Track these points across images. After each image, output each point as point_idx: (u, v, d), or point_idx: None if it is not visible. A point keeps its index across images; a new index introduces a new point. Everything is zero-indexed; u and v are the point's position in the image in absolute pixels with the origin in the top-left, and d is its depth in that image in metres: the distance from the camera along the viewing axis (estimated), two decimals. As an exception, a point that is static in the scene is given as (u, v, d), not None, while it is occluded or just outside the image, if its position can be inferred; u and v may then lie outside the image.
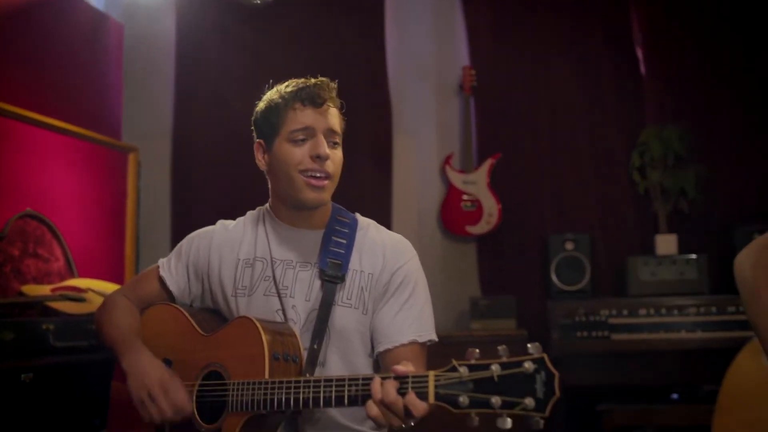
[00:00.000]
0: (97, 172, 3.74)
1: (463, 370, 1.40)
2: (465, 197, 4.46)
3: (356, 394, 1.54)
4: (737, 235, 3.92)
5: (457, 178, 4.49)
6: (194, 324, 1.89)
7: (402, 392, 1.45)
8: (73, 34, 3.73)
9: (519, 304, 4.19)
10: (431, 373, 1.43)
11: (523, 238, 4.45)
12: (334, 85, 1.91)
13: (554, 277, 4.17)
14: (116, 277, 3.65)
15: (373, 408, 1.49)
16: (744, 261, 1.86)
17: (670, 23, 4.44)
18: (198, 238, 2.03)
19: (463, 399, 1.38)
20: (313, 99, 1.84)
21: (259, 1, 1.52)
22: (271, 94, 1.92)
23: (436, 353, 1.86)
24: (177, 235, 4.42)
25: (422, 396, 1.43)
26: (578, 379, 3.89)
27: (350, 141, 3.51)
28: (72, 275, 3.26)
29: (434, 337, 1.90)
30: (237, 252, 1.95)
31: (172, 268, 2.02)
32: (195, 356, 1.84)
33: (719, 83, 4.34)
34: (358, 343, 1.89)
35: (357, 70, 4.45)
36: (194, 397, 1.79)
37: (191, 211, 4.43)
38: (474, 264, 4.50)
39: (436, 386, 1.42)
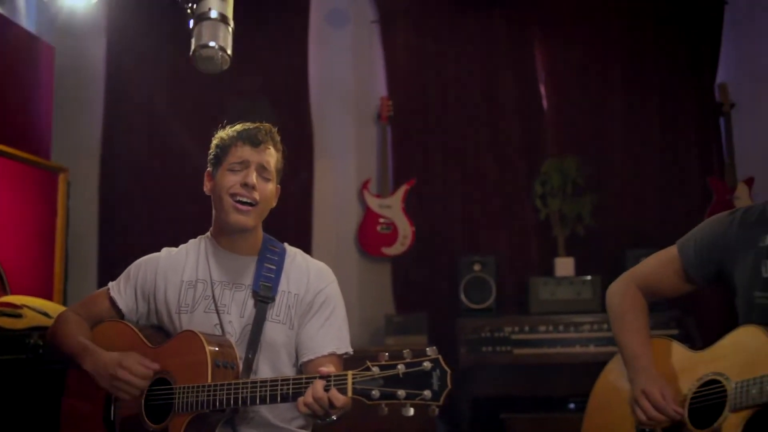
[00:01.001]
0: (27, 191, 3.89)
1: (375, 369, 1.74)
2: (381, 220, 4.81)
3: (288, 392, 1.85)
4: (628, 258, 4.34)
5: (373, 202, 4.84)
6: (142, 338, 2.16)
7: (326, 389, 1.78)
8: (4, 55, 3.89)
9: (430, 321, 4.50)
10: (349, 373, 1.77)
11: (434, 259, 4.81)
12: (275, 130, 2.25)
13: (463, 296, 4.52)
14: (45, 293, 3.83)
15: (302, 403, 1.81)
16: (614, 290, 2.29)
17: (569, 63, 4.91)
18: (145, 263, 2.30)
19: (375, 392, 1.72)
20: (252, 139, 2.18)
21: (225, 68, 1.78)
22: (223, 133, 2.24)
23: (353, 366, 2.19)
24: (104, 253, 4.63)
25: (342, 391, 1.76)
26: (483, 390, 4.29)
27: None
28: (5, 292, 3.44)
29: (350, 351, 2.23)
30: (181, 274, 2.23)
31: (121, 290, 2.28)
32: None
33: (612, 119, 4.85)
34: (285, 354, 2.19)
35: (281, 99, 4.75)
36: (143, 401, 2.07)
37: (118, 230, 4.63)
38: (389, 283, 4.84)
39: (353, 383, 1.75)
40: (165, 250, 2.32)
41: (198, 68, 1.88)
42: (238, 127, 2.23)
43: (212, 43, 1.84)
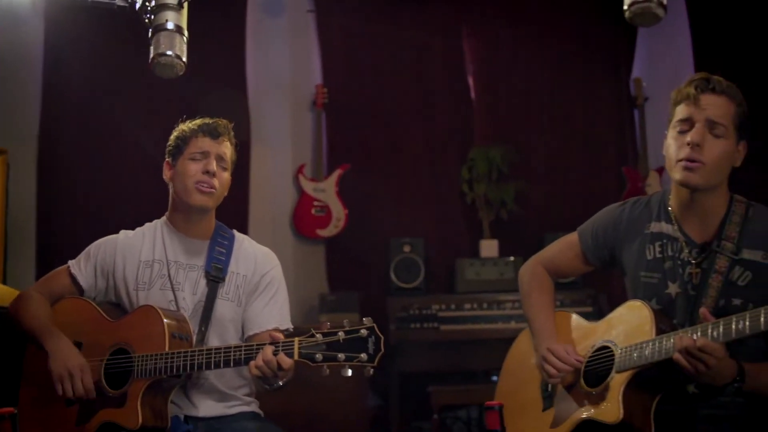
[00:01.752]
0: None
1: (319, 336, 2.05)
2: (316, 203, 5.09)
3: (240, 357, 2.15)
4: (548, 241, 4.61)
5: (308, 186, 5.11)
6: (101, 312, 2.41)
7: (275, 353, 2.07)
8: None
9: (362, 300, 4.80)
10: (296, 339, 2.07)
11: (366, 241, 5.10)
12: (230, 125, 2.54)
13: (393, 276, 4.84)
14: (-17, 275, 3.98)
15: (253, 366, 2.10)
16: (524, 271, 2.63)
17: (496, 56, 5.27)
18: (104, 244, 2.54)
19: (319, 356, 2.03)
20: (211, 132, 2.46)
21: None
22: (183, 126, 2.51)
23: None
24: (42, 235, 4.77)
25: (289, 354, 2.07)
26: (412, 365, 4.62)
27: None
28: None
29: (291, 327, 2.51)
30: (138, 254, 2.48)
31: (82, 268, 2.51)
32: (103, 338, 2.35)
33: (535, 111, 5.24)
34: (232, 329, 2.47)
35: (219, 85, 4.95)
36: (102, 370, 2.33)
37: (56, 212, 4.77)
38: (323, 264, 5.13)
39: (299, 347, 2.06)
40: (122, 232, 2.57)
41: (156, 74, 2.13)
42: (198, 121, 2.50)
43: (169, 52, 2.09)
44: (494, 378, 4.64)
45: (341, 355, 2.03)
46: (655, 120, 5.14)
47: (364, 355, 2.02)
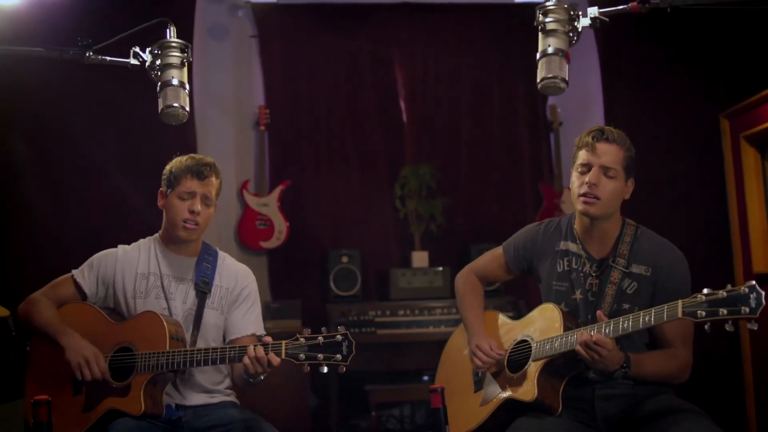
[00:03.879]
0: None
1: (302, 340, 2.61)
2: (259, 217, 5.61)
3: (234, 355, 2.69)
4: (472, 252, 5.30)
5: (252, 201, 5.65)
6: (105, 315, 2.93)
7: (266, 352, 2.63)
8: None
9: (303, 307, 5.28)
10: (284, 342, 2.62)
11: (307, 252, 5.66)
12: (216, 164, 3.01)
13: (332, 285, 5.39)
14: None
15: (247, 359, 2.65)
16: (459, 277, 3.26)
17: (425, 81, 5.89)
18: (105, 256, 3.04)
19: (302, 355, 2.59)
20: (198, 174, 2.94)
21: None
22: (176, 163, 2.98)
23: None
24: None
25: (278, 354, 2.62)
26: (350, 366, 5.12)
27: (160, 167, 4.45)
28: None
29: (264, 332, 3.07)
30: (135, 267, 2.99)
31: (85, 277, 3.00)
32: (107, 338, 2.85)
33: (461, 132, 5.87)
34: (216, 333, 3.01)
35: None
36: (107, 364, 2.84)
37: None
38: (266, 273, 5.64)
39: (286, 348, 2.61)
40: (120, 247, 3.06)
41: (164, 121, 2.66)
42: (189, 161, 2.97)
43: (176, 104, 2.63)
44: (425, 378, 5.24)
45: (320, 356, 2.60)
46: (569, 143, 5.82)
47: (339, 356, 2.60)
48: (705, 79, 5.43)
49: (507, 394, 2.83)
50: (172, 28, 2.72)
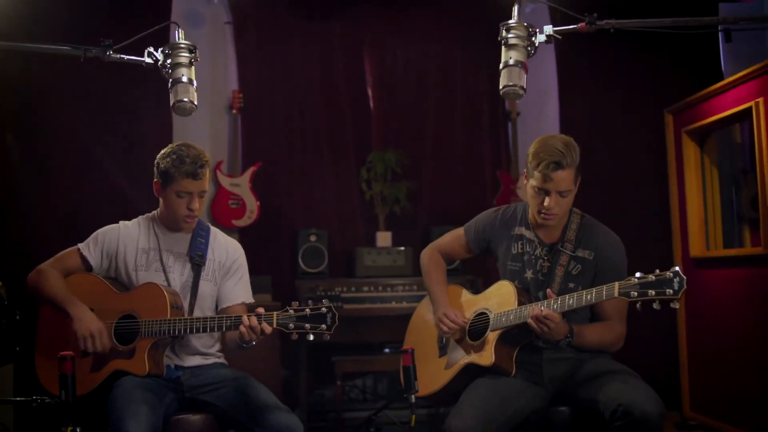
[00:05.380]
0: None
1: (291, 311, 3.01)
2: (232, 197, 5.98)
3: (230, 324, 3.10)
4: (434, 233, 5.58)
5: (225, 181, 6.01)
6: (109, 285, 3.32)
7: (259, 321, 3.03)
8: None
9: (274, 283, 5.60)
10: (275, 313, 3.02)
11: (277, 230, 6.00)
12: (206, 156, 3.34)
13: (301, 262, 5.74)
14: None
15: (242, 327, 3.05)
16: (424, 254, 3.71)
17: (392, 70, 6.27)
18: (109, 231, 3.41)
19: (291, 325, 3.00)
20: (193, 175, 3.27)
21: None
22: (169, 161, 3.27)
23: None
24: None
25: (269, 323, 3.02)
26: (318, 339, 5.61)
27: (137, 148, 4.75)
28: None
29: (253, 301, 3.49)
30: (136, 242, 3.38)
31: (91, 250, 3.38)
32: (112, 306, 3.24)
33: (426, 120, 6.27)
34: (211, 302, 3.42)
35: (142, 90, 5.50)
36: (113, 330, 3.23)
37: None
38: (238, 250, 6.05)
39: (277, 319, 3.01)
40: (122, 223, 3.45)
41: (176, 114, 3.06)
42: (184, 162, 3.24)
43: (186, 99, 3.03)
44: (386, 350, 5.66)
45: (307, 325, 2.99)
46: (525, 132, 6.30)
47: (324, 326, 2.99)
48: (653, 77, 5.96)
49: (468, 359, 3.30)
50: (180, 30, 3.09)
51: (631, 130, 6.02)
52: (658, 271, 2.79)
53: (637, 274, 2.83)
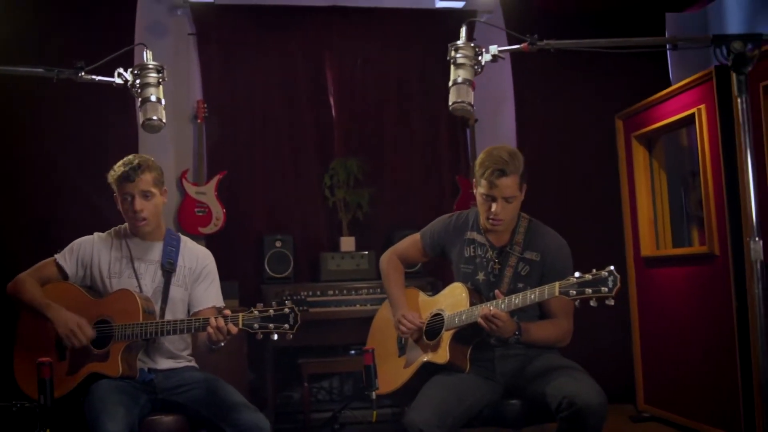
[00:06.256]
0: None
1: (256, 312, 3.23)
2: (198, 204, 6.18)
3: (199, 326, 3.33)
4: (395, 237, 5.76)
5: (191, 189, 6.20)
6: (84, 292, 3.54)
7: (226, 323, 3.25)
8: None
9: (241, 288, 5.80)
10: (241, 314, 3.25)
11: (243, 237, 6.19)
12: (147, 160, 3.58)
13: (267, 267, 5.91)
14: None
15: (209, 328, 3.26)
16: (383, 259, 3.96)
17: (353, 80, 6.48)
18: (84, 242, 3.64)
19: (256, 325, 3.21)
20: (128, 177, 3.51)
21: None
22: (111, 174, 3.56)
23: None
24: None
25: (235, 324, 3.24)
26: (284, 341, 5.79)
27: (101, 158, 4.97)
28: None
29: (223, 304, 3.71)
30: (109, 251, 3.60)
31: (67, 259, 3.60)
32: (88, 312, 3.44)
33: (386, 127, 6.48)
34: (182, 307, 3.64)
35: (107, 101, 5.73)
36: None
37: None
38: (204, 257, 6.24)
39: (243, 320, 3.24)
40: (96, 234, 3.68)
41: (146, 131, 3.28)
42: (120, 168, 3.53)
43: (155, 117, 3.25)
44: (352, 352, 5.79)
45: (271, 325, 3.21)
46: (483, 138, 6.53)
47: (287, 326, 3.21)
48: (604, 84, 6.26)
49: (425, 358, 3.54)
50: (147, 52, 3.30)
51: (583, 135, 6.31)
52: (594, 270, 3.05)
53: (576, 274, 3.08)
